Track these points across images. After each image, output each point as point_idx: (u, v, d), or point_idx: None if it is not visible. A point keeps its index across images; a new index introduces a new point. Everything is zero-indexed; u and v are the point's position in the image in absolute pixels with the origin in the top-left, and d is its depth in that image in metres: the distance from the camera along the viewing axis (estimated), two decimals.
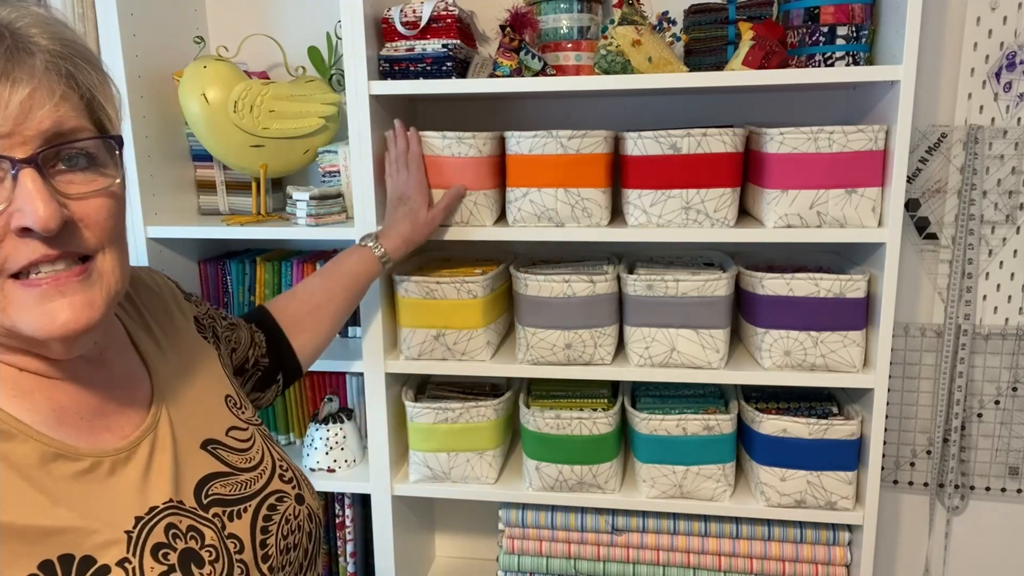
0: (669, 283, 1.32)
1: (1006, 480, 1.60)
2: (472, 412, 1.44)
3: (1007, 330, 1.54)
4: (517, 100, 1.61)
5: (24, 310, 0.59)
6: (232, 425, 0.80)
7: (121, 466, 0.66)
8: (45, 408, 0.64)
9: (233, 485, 0.74)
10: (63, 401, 0.66)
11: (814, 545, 1.42)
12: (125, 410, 0.70)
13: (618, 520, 1.48)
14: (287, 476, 0.81)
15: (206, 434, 0.76)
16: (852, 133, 1.23)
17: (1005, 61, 1.44)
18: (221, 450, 0.76)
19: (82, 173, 0.61)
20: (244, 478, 0.76)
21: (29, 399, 0.64)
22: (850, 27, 1.28)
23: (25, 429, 0.61)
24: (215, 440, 0.77)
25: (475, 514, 1.82)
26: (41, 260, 0.58)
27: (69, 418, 0.65)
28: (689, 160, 1.27)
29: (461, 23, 1.37)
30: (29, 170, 0.56)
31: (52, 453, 0.62)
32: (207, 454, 0.75)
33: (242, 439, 0.80)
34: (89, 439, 0.66)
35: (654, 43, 1.28)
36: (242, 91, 1.40)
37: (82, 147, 0.60)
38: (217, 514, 0.71)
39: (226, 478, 0.74)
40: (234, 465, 0.76)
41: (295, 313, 1.10)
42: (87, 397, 0.67)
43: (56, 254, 0.58)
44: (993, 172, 1.49)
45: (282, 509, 0.77)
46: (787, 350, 1.32)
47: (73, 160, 0.60)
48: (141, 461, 0.68)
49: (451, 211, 1.35)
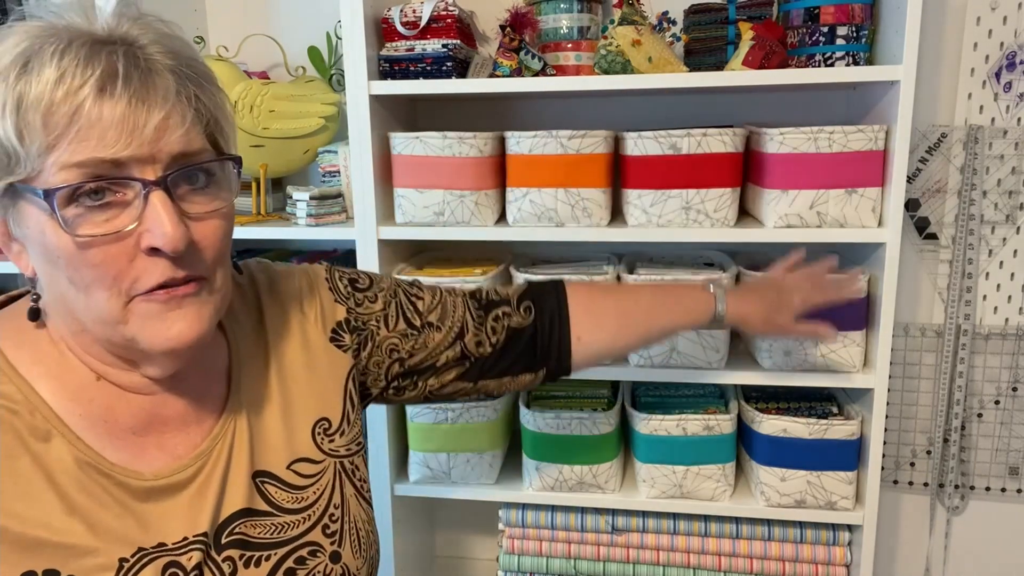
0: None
1: (1006, 480, 1.60)
2: (472, 412, 1.44)
3: (1007, 330, 1.54)
4: (517, 100, 1.61)
5: (143, 322, 0.59)
6: (303, 457, 0.74)
7: (158, 495, 0.65)
8: (97, 417, 0.64)
9: (266, 527, 0.69)
10: (121, 415, 0.65)
11: (814, 545, 1.42)
12: (187, 428, 0.68)
13: (618, 520, 1.48)
14: (332, 528, 0.74)
15: (263, 465, 0.71)
16: (852, 133, 1.23)
17: (1005, 61, 1.44)
18: (271, 485, 0.71)
19: (202, 192, 0.61)
20: (282, 520, 0.71)
21: (85, 405, 0.63)
22: (850, 27, 1.28)
23: (66, 432, 0.61)
24: (269, 473, 0.71)
25: (475, 514, 1.82)
26: (169, 282, 0.59)
27: (118, 432, 0.65)
28: (689, 160, 1.27)
29: (461, 23, 1.37)
30: (159, 192, 0.57)
31: (86, 462, 0.61)
32: (252, 487, 0.70)
33: (306, 473, 0.74)
34: (133, 456, 0.64)
35: (654, 43, 1.28)
36: (242, 91, 1.40)
37: (203, 166, 0.61)
38: (231, 558, 0.66)
39: (262, 518, 0.69)
40: (278, 504, 0.71)
41: (601, 307, 0.93)
42: (148, 413, 0.66)
43: (182, 276, 0.59)
44: (993, 172, 1.48)
45: (312, 565, 0.71)
46: (787, 350, 1.32)
47: (193, 178, 0.60)
48: (179, 487, 0.66)
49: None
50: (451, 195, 1.34)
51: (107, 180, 0.56)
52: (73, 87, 0.53)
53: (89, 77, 0.54)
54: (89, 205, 0.56)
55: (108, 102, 0.54)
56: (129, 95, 0.55)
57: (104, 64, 0.55)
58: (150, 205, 0.57)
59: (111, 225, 0.57)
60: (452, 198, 1.35)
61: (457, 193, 1.34)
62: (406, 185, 1.37)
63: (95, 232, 0.56)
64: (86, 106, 0.54)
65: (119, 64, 0.55)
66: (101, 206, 0.56)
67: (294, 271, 0.83)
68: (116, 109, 0.54)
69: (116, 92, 0.54)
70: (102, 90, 0.54)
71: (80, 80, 0.54)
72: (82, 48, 0.55)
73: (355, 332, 0.82)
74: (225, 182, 0.63)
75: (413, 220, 1.38)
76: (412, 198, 1.36)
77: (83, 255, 0.57)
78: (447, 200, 1.35)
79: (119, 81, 0.54)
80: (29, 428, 0.60)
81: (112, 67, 0.55)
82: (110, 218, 0.57)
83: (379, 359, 0.83)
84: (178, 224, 0.57)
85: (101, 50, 0.55)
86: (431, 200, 1.36)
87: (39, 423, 0.61)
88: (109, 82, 0.54)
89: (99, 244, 0.57)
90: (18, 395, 0.61)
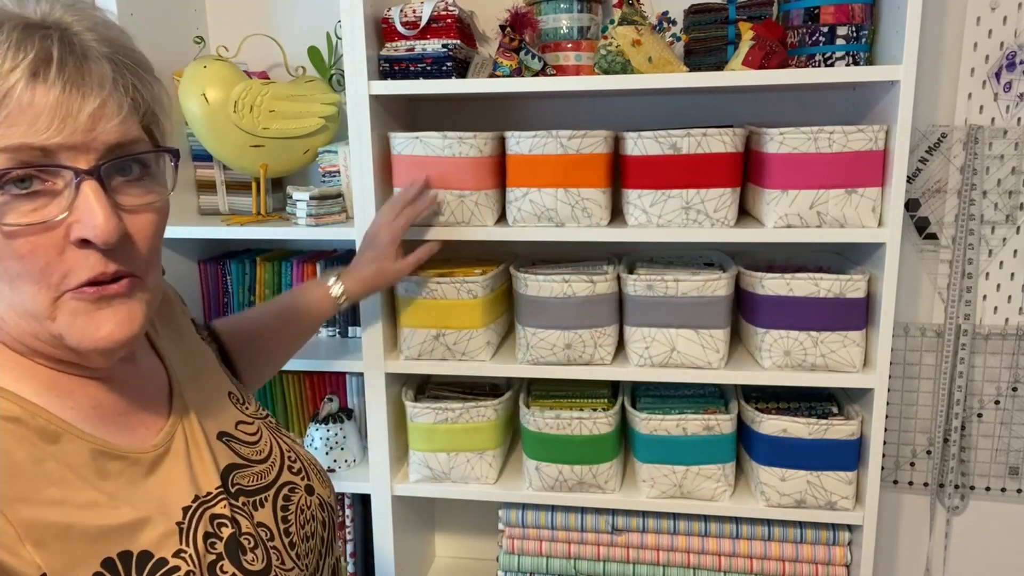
0: (669, 283, 1.32)
1: (1006, 480, 1.60)
2: (472, 412, 1.44)
3: (1007, 330, 1.54)
4: (517, 100, 1.61)
5: (71, 320, 0.58)
6: (238, 419, 0.80)
7: (161, 460, 0.67)
8: (87, 406, 0.64)
9: (250, 476, 0.75)
10: (101, 399, 0.66)
11: (814, 545, 1.42)
12: (153, 405, 0.71)
13: (618, 520, 1.48)
14: (296, 468, 0.81)
15: (219, 427, 0.77)
16: (852, 133, 1.23)
17: (1005, 61, 1.44)
18: (234, 443, 0.77)
19: (136, 184, 0.60)
20: (258, 469, 0.76)
21: (71, 398, 0.63)
22: (850, 27, 1.28)
23: (70, 428, 0.61)
24: (228, 433, 0.77)
25: (475, 514, 1.82)
26: (99, 277, 0.57)
27: (108, 415, 0.66)
28: (689, 160, 1.27)
29: (461, 23, 1.37)
30: (91, 182, 0.55)
31: (98, 451, 0.62)
32: (223, 446, 0.75)
33: (249, 432, 0.80)
34: (127, 436, 0.66)
35: (654, 43, 1.28)
36: (242, 91, 1.40)
37: (138, 157, 0.60)
38: (245, 503, 0.72)
39: (243, 469, 0.75)
40: (247, 457, 0.77)
41: (240, 340, 1.02)
42: (121, 395, 0.68)
43: (112, 271, 0.58)
44: (993, 172, 1.49)
45: (295, 499, 0.77)
46: (787, 350, 1.32)
47: (127, 169, 0.59)
48: (179, 454, 0.69)
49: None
50: (451, 195, 1.35)
51: (36, 168, 0.54)
52: (3, 71, 0.52)
53: (21, 61, 0.52)
54: (15, 193, 0.54)
55: (41, 87, 0.53)
56: (63, 81, 0.53)
57: (37, 48, 0.53)
58: (81, 195, 0.55)
59: (38, 215, 0.55)
60: (452, 198, 1.35)
61: (457, 193, 1.34)
62: (406, 185, 1.36)
63: (20, 221, 0.54)
64: (17, 90, 0.52)
65: (53, 49, 0.53)
66: (28, 195, 0.54)
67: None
68: (49, 95, 0.53)
69: (50, 78, 0.53)
70: (35, 75, 0.52)
71: (11, 64, 0.52)
72: (14, 31, 0.53)
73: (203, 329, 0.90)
74: (161, 175, 0.63)
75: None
76: None
77: (8, 245, 0.55)
78: (447, 200, 1.35)
79: (53, 66, 0.53)
80: (38, 433, 0.59)
81: (46, 52, 0.53)
82: (38, 208, 0.55)
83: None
84: (111, 215, 0.56)
85: (34, 34, 0.53)
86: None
87: (44, 425, 0.60)
88: (43, 67, 0.53)
89: (25, 234, 0.55)
90: (12, 406, 0.59)
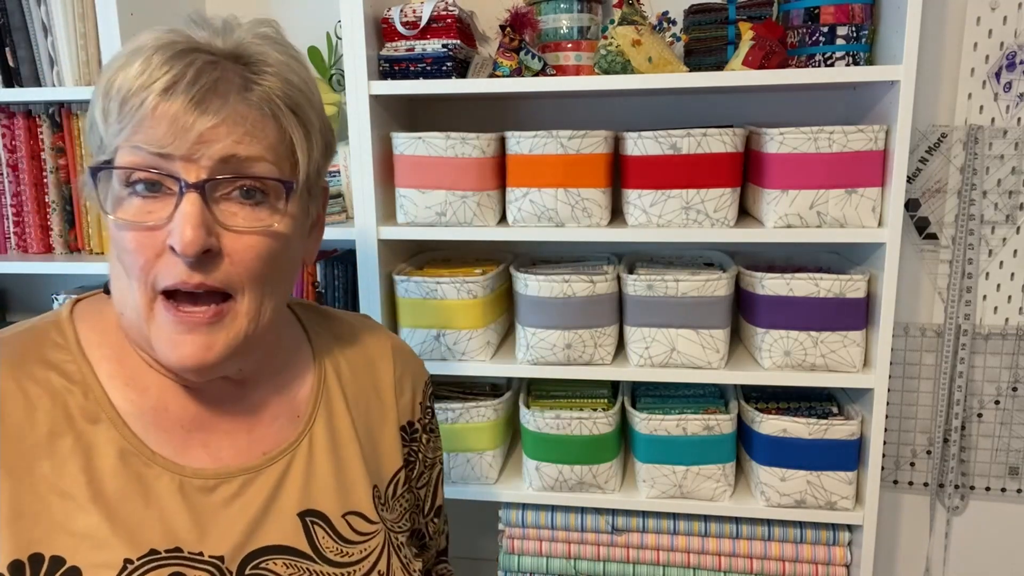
0: (669, 283, 1.32)
1: (1006, 480, 1.60)
2: (472, 412, 1.44)
3: (1007, 330, 1.54)
4: (517, 100, 1.61)
5: (160, 330, 0.61)
6: (357, 511, 0.72)
7: (191, 488, 0.64)
8: (148, 406, 0.65)
9: (298, 570, 0.66)
10: (171, 404, 0.66)
11: (814, 545, 1.42)
12: (234, 435, 0.68)
13: (618, 520, 1.48)
14: None
15: (316, 504, 0.69)
16: (852, 133, 1.23)
17: (1005, 61, 1.44)
18: (320, 528, 0.69)
19: (251, 208, 0.62)
20: (320, 569, 0.67)
21: (140, 393, 0.65)
22: (850, 27, 1.28)
23: (115, 418, 0.63)
24: (320, 514, 0.69)
25: (475, 514, 1.82)
26: (181, 285, 0.59)
27: (167, 423, 0.65)
28: (689, 160, 1.27)
29: (461, 23, 1.37)
30: (193, 194, 0.58)
31: (128, 449, 0.63)
32: (298, 524, 0.68)
33: (360, 530, 0.71)
34: (176, 450, 0.65)
35: (654, 43, 1.28)
36: None
37: (258, 184, 0.61)
38: None
39: (297, 559, 0.66)
40: (321, 551, 0.68)
41: None
42: (200, 408, 0.67)
43: (194, 283, 0.59)
44: (993, 172, 1.49)
45: None
46: (787, 350, 1.32)
47: (250, 194, 0.61)
48: (217, 496, 0.65)
49: None
50: (453, 196, 1.35)
51: (155, 171, 0.59)
52: (147, 82, 0.58)
53: (162, 76, 0.58)
54: (143, 194, 0.59)
55: (167, 101, 0.58)
56: (188, 99, 0.58)
57: (180, 68, 0.58)
58: (180, 205, 0.58)
59: (145, 216, 0.59)
60: (454, 199, 1.35)
61: (459, 194, 1.34)
62: (408, 185, 1.37)
63: (127, 217, 0.60)
64: (150, 99, 0.57)
65: (190, 70, 0.58)
66: (151, 198, 0.60)
67: (408, 350, 0.87)
68: (171, 108, 0.57)
69: (177, 93, 0.58)
70: (167, 90, 0.58)
71: (154, 77, 0.58)
72: (174, 54, 0.59)
73: (407, 445, 0.82)
74: (280, 204, 0.63)
75: (415, 220, 1.38)
76: (414, 198, 1.37)
77: (121, 238, 0.60)
78: (449, 201, 1.35)
79: (183, 84, 0.58)
80: (80, 409, 0.63)
81: (185, 72, 0.58)
82: (151, 210, 0.60)
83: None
84: (198, 228, 0.58)
85: (187, 57, 0.59)
86: (433, 200, 1.36)
87: (91, 405, 0.63)
88: (176, 85, 0.58)
89: (133, 230, 0.60)
90: (78, 375, 0.64)
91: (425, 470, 0.86)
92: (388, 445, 0.79)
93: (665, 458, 1.39)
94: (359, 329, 0.83)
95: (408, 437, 0.82)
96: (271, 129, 0.62)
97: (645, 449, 1.40)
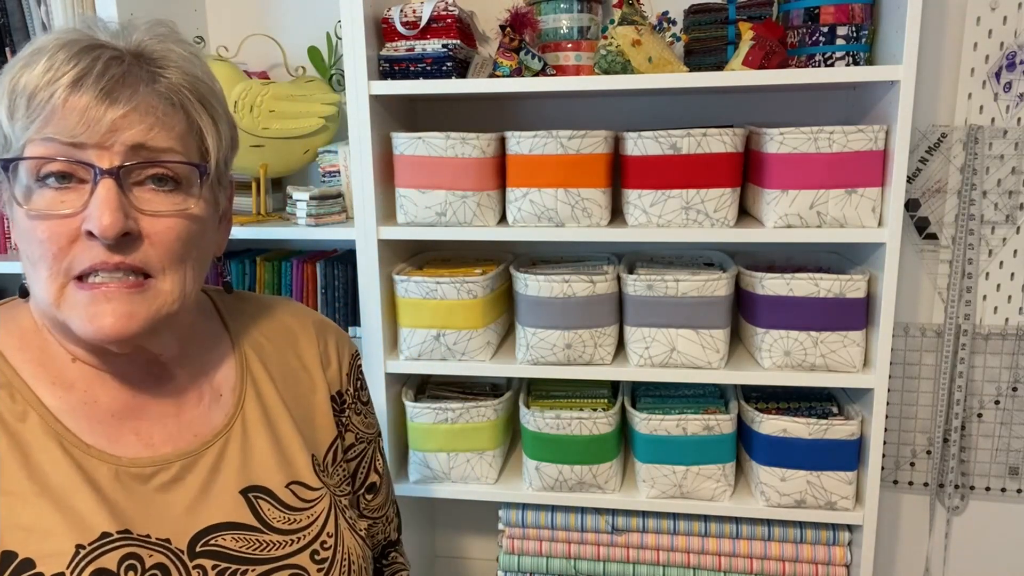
0: (669, 283, 1.32)
1: (1006, 480, 1.60)
2: (472, 412, 1.44)
3: (1007, 330, 1.54)
4: (517, 100, 1.61)
5: (73, 309, 0.62)
6: (299, 480, 0.74)
7: (127, 477, 0.65)
8: (76, 401, 0.66)
9: (249, 542, 0.68)
10: (100, 396, 0.67)
11: (814, 545, 1.42)
12: (164, 420, 0.69)
13: (618, 520, 1.48)
14: (322, 555, 0.72)
15: (257, 480, 0.71)
16: (852, 133, 1.23)
17: (1005, 61, 1.44)
18: (263, 500, 0.71)
19: (166, 194, 0.63)
20: (269, 538, 0.69)
21: (67, 390, 0.66)
22: (850, 27, 1.28)
23: (45, 414, 0.64)
24: (264, 488, 0.71)
25: (475, 514, 1.82)
26: (100, 266, 0.60)
27: (97, 413, 0.66)
28: (689, 160, 1.27)
29: (461, 23, 1.37)
30: (108, 180, 0.60)
31: (64, 443, 0.63)
32: (241, 500, 0.69)
33: (304, 497, 0.73)
34: (109, 440, 0.66)
35: (654, 43, 1.28)
36: (242, 91, 1.40)
37: (171, 170, 0.63)
38: (202, 567, 0.66)
39: (245, 532, 0.69)
40: (268, 521, 0.70)
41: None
42: (128, 395, 0.68)
43: (114, 262, 0.61)
44: (993, 172, 1.49)
45: None
46: (787, 350, 1.32)
47: (163, 181, 0.63)
48: (155, 482, 0.66)
49: None
50: (453, 196, 1.35)
51: (66, 160, 0.59)
52: (54, 78, 0.59)
53: (69, 70, 0.59)
54: (54, 186, 0.60)
55: (76, 94, 0.59)
56: (97, 90, 0.59)
57: (87, 63, 0.60)
58: (96, 191, 0.60)
59: (60, 205, 0.60)
60: (455, 199, 1.35)
61: (460, 194, 1.34)
62: (408, 185, 1.37)
63: (41, 207, 0.60)
64: (58, 93, 0.58)
65: (98, 64, 0.60)
66: (63, 188, 0.60)
67: (331, 324, 0.88)
68: (81, 100, 0.59)
69: (87, 86, 0.59)
70: (75, 83, 0.59)
71: (61, 72, 0.59)
72: (72, 49, 0.60)
73: (337, 416, 0.84)
74: (198, 191, 0.65)
75: (415, 220, 1.38)
76: (414, 198, 1.37)
77: (32, 228, 0.60)
78: (449, 201, 1.35)
79: (91, 78, 0.59)
80: (9, 411, 0.63)
81: (92, 66, 0.60)
82: (64, 200, 0.60)
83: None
84: (116, 211, 0.59)
85: (92, 52, 0.60)
86: (433, 200, 1.36)
87: (18, 406, 0.64)
88: (84, 78, 0.59)
89: (46, 219, 0.60)
90: (1, 379, 0.64)
91: (357, 443, 0.88)
92: (322, 416, 0.81)
93: (665, 458, 1.39)
94: (277, 308, 0.85)
95: (338, 407, 0.84)
96: (180, 119, 0.63)
97: (645, 449, 1.40)
